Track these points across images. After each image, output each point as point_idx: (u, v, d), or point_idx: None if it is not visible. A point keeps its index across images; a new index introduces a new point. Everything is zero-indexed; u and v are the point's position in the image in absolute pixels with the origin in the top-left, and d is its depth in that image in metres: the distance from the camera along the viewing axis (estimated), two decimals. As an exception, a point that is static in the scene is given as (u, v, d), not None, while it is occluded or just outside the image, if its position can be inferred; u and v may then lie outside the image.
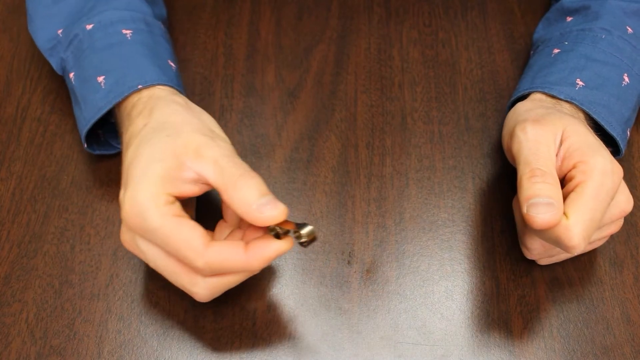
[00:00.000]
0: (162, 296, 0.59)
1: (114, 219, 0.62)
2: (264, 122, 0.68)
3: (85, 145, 0.63)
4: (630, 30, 0.64)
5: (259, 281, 0.59)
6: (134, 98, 0.58)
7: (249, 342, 0.57)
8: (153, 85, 0.59)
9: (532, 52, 0.70)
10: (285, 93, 0.70)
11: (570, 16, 0.67)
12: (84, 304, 0.58)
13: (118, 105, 0.59)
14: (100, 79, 0.60)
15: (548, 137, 0.55)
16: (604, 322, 0.58)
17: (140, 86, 0.58)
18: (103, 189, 0.64)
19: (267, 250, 0.51)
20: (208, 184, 0.53)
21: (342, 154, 0.67)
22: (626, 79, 0.62)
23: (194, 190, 0.53)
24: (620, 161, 0.66)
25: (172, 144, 0.53)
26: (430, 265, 0.61)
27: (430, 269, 0.60)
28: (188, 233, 0.50)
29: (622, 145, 0.62)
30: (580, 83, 0.61)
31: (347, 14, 0.76)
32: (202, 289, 0.53)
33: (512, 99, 0.64)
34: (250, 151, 0.67)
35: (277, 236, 0.52)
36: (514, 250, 0.61)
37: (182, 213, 0.52)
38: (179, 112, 0.56)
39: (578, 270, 0.60)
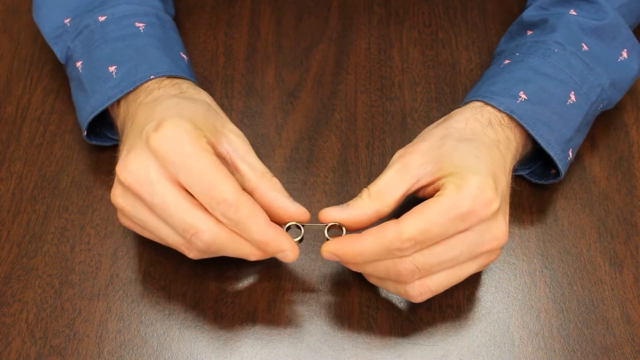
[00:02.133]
0: (162, 296, 0.59)
1: (114, 219, 0.62)
2: (264, 122, 0.68)
3: (85, 134, 0.63)
4: (585, 47, 0.62)
5: (259, 281, 0.59)
6: (155, 83, 0.59)
7: (249, 342, 0.57)
8: (166, 77, 0.60)
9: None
10: (285, 93, 0.70)
11: (530, 30, 0.65)
12: (84, 304, 0.58)
13: (127, 96, 0.60)
14: (112, 68, 0.60)
15: (409, 163, 0.55)
16: (604, 322, 0.58)
17: (152, 76, 0.59)
18: (103, 189, 0.64)
19: (284, 239, 0.53)
20: (229, 168, 0.54)
21: (342, 154, 0.67)
22: (572, 97, 0.60)
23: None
24: (620, 161, 0.66)
25: (214, 118, 0.55)
26: (430, 265, 0.61)
27: (430, 269, 0.60)
28: (225, 171, 0.51)
29: (561, 166, 0.59)
30: (523, 96, 0.59)
31: (347, 14, 0.76)
32: (210, 230, 0.51)
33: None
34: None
35: None
36: (514, 250, 0.61)
37: None
38: (211, 98, 0.60)
39: (578, 270, 0.60)
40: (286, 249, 0.53)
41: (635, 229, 0.62)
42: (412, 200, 0.56)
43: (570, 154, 0.61)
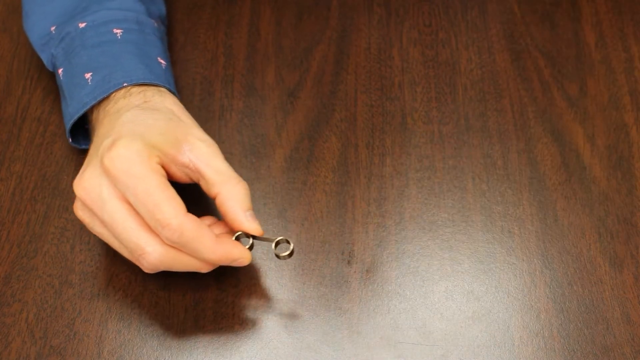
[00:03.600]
0: (162, 296, 0.59)
1: (114, 219, 0.62)
2: (264, 122, 0.68)
3: (70, 140, 0.63)
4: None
5: (260, 281, 0.59)
6: (123, 92, 0.59)
7: (249, 342, 0.57)
8: (138, 84, 0.60)
9: None
10: (285, 93, 0.70)
11: None
12: (84, 304, 0.58)
13: (100, 104, 0.60)
14: (88, 75, 0.60)
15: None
16: (604, 322, 0.58)
17: (125, 84, 0.59)
18: (103, 189, 0.64)
19: (234, 250, 0.54)
20: (194, 176, 0.56)
21: (342, 154, 0.67)
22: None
23: (179, 175, 0.56)
24: (620, 161, 0.66)
25: (175, 127, 0.56)
26: (430, 265, 0.61)
27: (430, 269, 0.60)
28: (172, 193, 0.52)
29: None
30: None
31: (347, 14, 0.76)
32: (156, 252, 0.52)
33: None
34: (250, 151, 0.67)
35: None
36: (514, 250, 0.61)
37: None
38: (178, 104, 0.60)
39: (578, 270, 0.60)
40: (237, 258, 0.54)
41: (635, 229, 0.62)
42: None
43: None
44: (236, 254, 0.54)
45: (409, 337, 0.57)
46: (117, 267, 0.60)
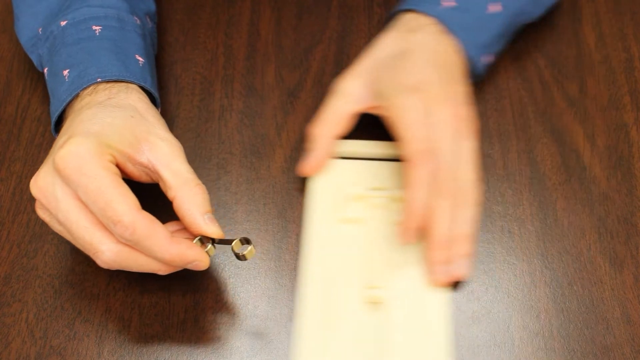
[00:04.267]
0: (162, 296, 0.59)
1: (114, 219, 0.62)
2: (264, 122, 0.68)
3: (56, 135, 0.63)
4: None
5: (260, 281, 0.59)
6: (90, 89, 0.59)
7: (249, 342, 0.57)
8: (113, 80, 0.59)
9: None
10: (285, 93, 0.70)
11: None
12: (84, 304, 0.58)
13: (74, 99, 0.60)
14: (66, 72, 0.61)
15: (348, 88, 0.63)
16: (604, 322, 0.58)
17: (99, 79, 0.59)
18: (103, 189, 0.64)
19: (189, 252, 0.52)
20: (154, 176, 0.55)
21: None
22: (492, 7, 0.66)
23: (138, 174, 0.55)
24: (620, 161, 0.66)
25: (135, 126, 0.55)
26: (430, 265, 0.61)
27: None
28: (124, 190, 0.51)
29: (481, 70, 0.66)
30: (448, 4, 0.64)
31: (347, 14, 0.76)
32: (110, 251, 0.52)
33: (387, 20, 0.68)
34: (250, 151, 0.67)
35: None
36: (514, 250, 0.61)
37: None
38: (143, 101, 0.59)
39: (578, 270, 0.60)
40: (193, 260, 0.53)
41: (635, 229, 0.62)
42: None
43: (485, 58, 0.66)
44: (191, 256, 0.52)
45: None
46: (117, 267, 0.60)
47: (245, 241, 0.55)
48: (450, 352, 0.56)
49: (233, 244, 0.55)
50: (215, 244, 0.55)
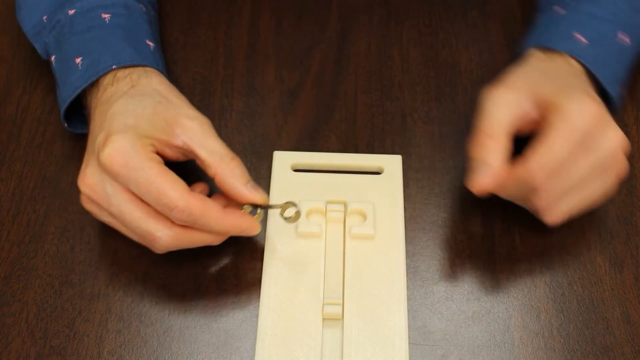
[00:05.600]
0: (162, 296, 0.59)
1: (114, 219, 0.62)
2: (264, 122, 0.68)
3: (66, 125, 0.64)
4: None
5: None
6: (109, 78, 0.60)
7: (250, 342, 0.57)
8: (127, 66, 0.61)
9: (537, 12, 0.71)
10: (285, 93, 0.70)
11: None
12: (84, 304, 0.58)
13: (92, 87, 0.61)
14: (78, 60, 0.62)
15: (508, 99, 0.57)
16: (604, 322, 0.58)
17: (114, 66, 0.60)
18: (103, 189, 0.64)
19: (242, 221, 0.56)
20: (190, 155, 0.57)
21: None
22: (625, 38, 0.64)
23: (176, 156, 0.58)
24: (620, 161, 0.66)
25: (165, 111, 0.57)
26: (430, 265, 0.61)
27: (430, 269, 0.60)
28: (172, 176, 0.54)
29: (618, 103, 0.64)
30: (582, 39, 0.62)
31: (347, 14, 0.76)
32: (167, 235, 0.54)
33: (515, 57, 0.66)
34: (250, 151, 0.67)
35: None
36: (514, 251, 0.61)
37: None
38: (165, 83, 0.61)
39: (578, 270, 0.60)
40: (246, 227, 0.56)
41: (635, 229, 0.62)
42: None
43: (619, 90, 0.64)
44: (244, 224, 0.56)
45: (409, 337, 0.57)
46: (117, 267, 0.60)
47: (292, 205, 0.58)
48: None
49: (281, 208, 0.58)
50: (262, 209, 0.58)
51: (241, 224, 0.56)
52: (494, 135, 0.56)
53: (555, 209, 0.57)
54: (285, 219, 0.58)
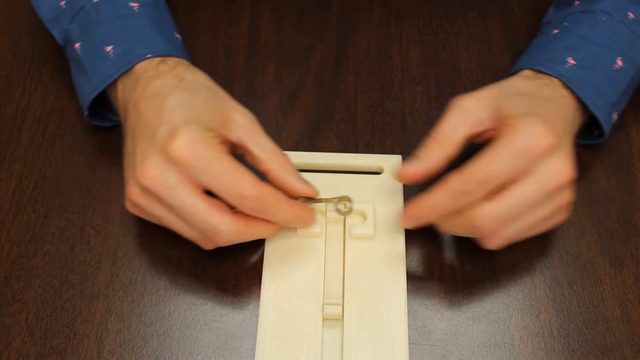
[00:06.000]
0: (162, 296, 0.59)
1: (114, 219, 0.62)
2: (264, 122, 0.68)
3: (87, 114, 0.64)
4: (631, 15, 0.64)
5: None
6: (144, 67, 0.60)
7: (250, 342, 0.57)
8: (161, 55, 0.61)
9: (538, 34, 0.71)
10: (285, 93, 0.70)
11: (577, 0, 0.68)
12: (84, 304, 0.58)
13: (124, 77, 0.61)
14: (109, 48, 0.62)
15: (467, 106, 0.57)
16: (604, 322, 0.58)
17: (148, 55, 0.60)
18: (103, 189, 0.64)
19: (305, 211, 0.57)
20: (239, 151, 0.58)
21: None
22: (619, 62, 0.63)
23: (227, 150, 0.56)
24: (620, 161, 0.66)
25: (219, 106, 0.57)
26: (430, 265, 0.61)
27: (430, 269, 0.60)
28: (242, 166, 0.54)
29: (606, 127, 0.62)
30: (572, 62, 0.62)
31: (347, 14, 0.76)
32: (229, 229, 0.54)
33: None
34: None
35: None
36: (514, 251, 0.61)
37: None
38: (209, 78, 0.60)
39: (578, 270, 0.60)
40: (307, 219, 0.58)
41: (635, 229, 0.62)
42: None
43: (615, 116, 0.63)
44: (305, 215, 0.58)
45: (409, 337, 0.57)
46: (117, 267, 0.60)
47: (346, 199, 0.60)
48: None
49: (335, 202, 0.60)
50: (312, 202, 0.59)
51: (303, 214, 0.57)
52: (440, 140, 0.56)
53: (499, 233, 0.55)
54: (339, 211, 0.60)
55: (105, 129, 0.67)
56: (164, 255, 0.60)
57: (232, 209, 0.55)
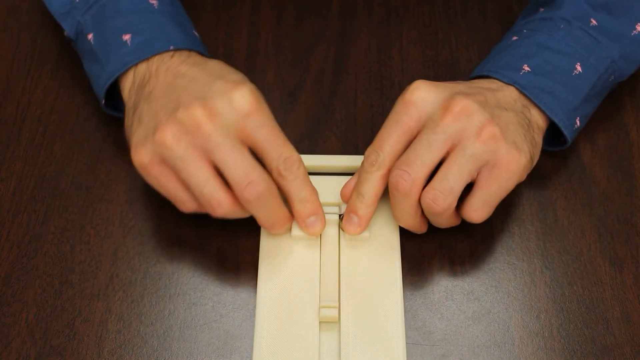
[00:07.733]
0: (162, 296, 0.59)
1: (114, 219, 0.62)
2: (264, 122, 0.68)
3: (103, 102, 0.64)
4: (594, 22, 0.64)
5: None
6: (163, 57, 0.61)
7: (249, 342, 0.57)
8: (183, 49, 0.62)
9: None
10: (285, 93, 0.70)
11: (542, 7, 0.67)
12: (84, 304, 0.58)
13: (136, 67, 0.61)
14: (127, 37, 0.62)
15: (422, 88, 0.58)
16: (604, 322, 0.58)
17: (172, 47, 0.61)
18: (103, 189, 0.64)
19: (321, 209, 0.58)
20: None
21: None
22: (578, 68, 0.62)
23: None
24: (620, 161, 0.66)
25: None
26: (430, 265, 0.61)
27: (430, 269, 0.60)
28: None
29: (567, 133, 0.62)
30: (527, 68, 0.62)
31: (347, 14, 0.76)
32: (264, 182, 0.55)
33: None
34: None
35: None
36: (514, 250, 0.61)
37: None
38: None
39: (578, 270, 0.60)
40: (320, 209, 0.58)
41: (635, 229, 0.62)
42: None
43: (578, 122, 0.63)
44: (320, 210, 0.58)
45: (409, 337, 0.57)
46: (117, 267, 0.60)
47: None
48: None
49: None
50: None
51: (320, 206, 0.58)
52: (394, 135, 0.58)
53: (429, 192, 0.56)
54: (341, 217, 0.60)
55: (105, 129, 0.67)
56: (164, 255, 0.60)
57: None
